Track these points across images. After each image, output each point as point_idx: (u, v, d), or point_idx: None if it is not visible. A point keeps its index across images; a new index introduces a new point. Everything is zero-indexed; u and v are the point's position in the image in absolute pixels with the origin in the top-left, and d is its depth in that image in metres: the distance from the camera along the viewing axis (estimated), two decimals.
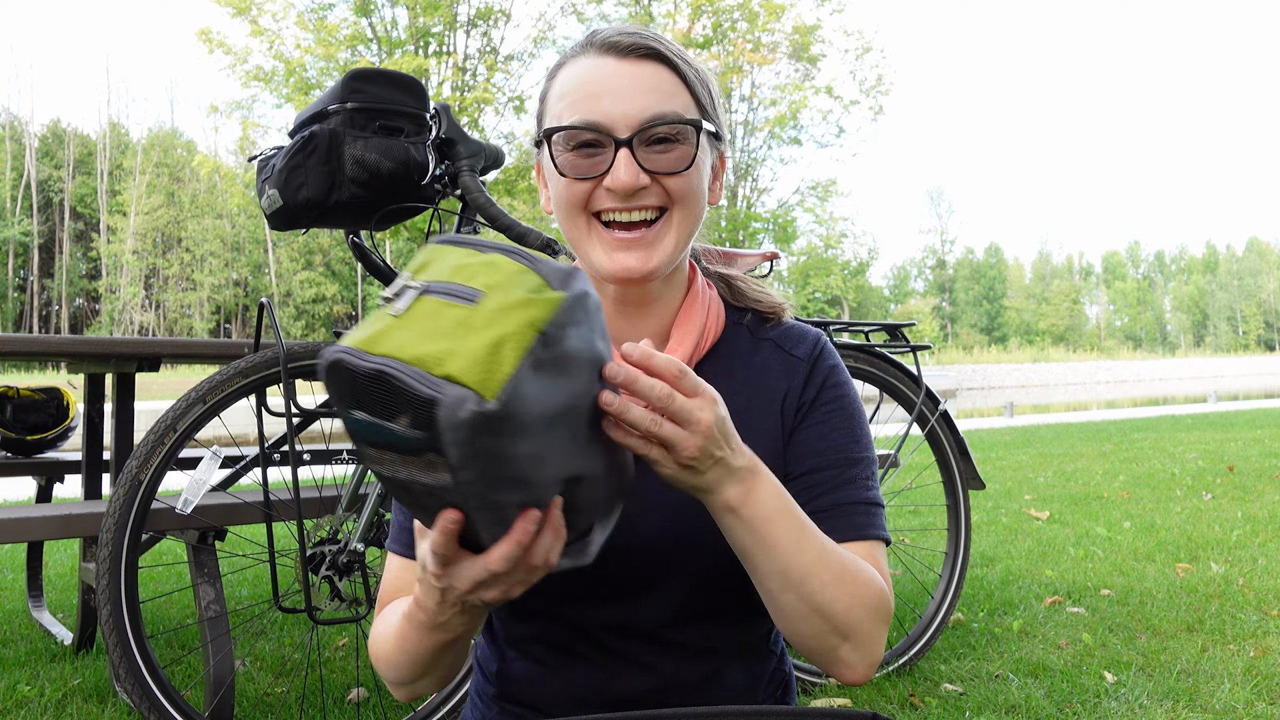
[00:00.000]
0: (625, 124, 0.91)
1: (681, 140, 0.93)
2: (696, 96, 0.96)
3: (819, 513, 0.95)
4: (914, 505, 4.95)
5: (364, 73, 2.05)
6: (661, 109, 0.92)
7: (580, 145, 0.93)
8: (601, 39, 0.95)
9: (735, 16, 25.79)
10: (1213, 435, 8.89)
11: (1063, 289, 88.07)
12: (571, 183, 0.94)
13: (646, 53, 0.94)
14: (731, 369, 1.04)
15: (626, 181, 0.91)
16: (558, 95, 0.96)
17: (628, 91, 0.92)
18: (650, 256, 0.93)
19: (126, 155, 56.93)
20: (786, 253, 30.95)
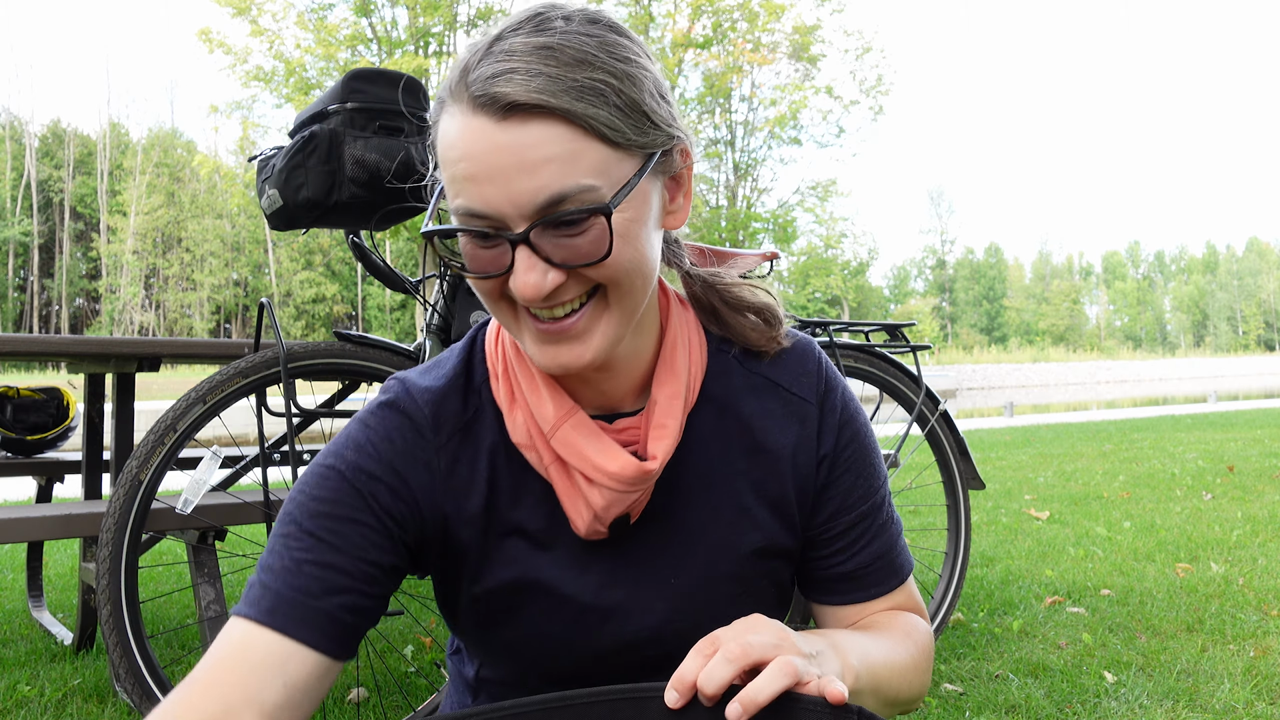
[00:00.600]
0: (517, 214, 0.72)
1: (593, 219, 0.73)
2: (610, 135, 0.72)
3: (862, 569, 0.92)
4: (914, 505, 4.96)
5: (364, 73, 2.05)
6: (558, 189, 0.71)
7: (474, 234, 0.75)
8: (472, 87, 0.71)
9: (735, 16, 25.81)
10: (1213, 435, 8.89)
11: (1063, 289, 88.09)
12: (478, 281, 0.77)
13: (529, 109, 0.70)
14: (724, 419, 0.90)
15: (529, 292, 0.73)
16: (441, 158, 0.75)
17: (511, 170, 0.70)
18: (585, 349, 0.77)
19: (126, 155, 56.92)
20: (786, 253, 30.96)
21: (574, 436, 0.82)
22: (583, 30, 0.73)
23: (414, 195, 2.07)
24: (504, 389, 0.86)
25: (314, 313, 53.79)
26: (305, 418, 2.21)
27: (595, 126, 0.71)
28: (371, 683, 2.34)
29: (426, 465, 0.85)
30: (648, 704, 0.70)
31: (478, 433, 0.87)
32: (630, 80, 0.74)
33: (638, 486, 0.83)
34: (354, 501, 0.81)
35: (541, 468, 0.85)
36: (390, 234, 18.00)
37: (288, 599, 0.78)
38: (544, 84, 0.70)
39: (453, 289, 2.16)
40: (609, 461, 0.82)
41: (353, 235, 2.19)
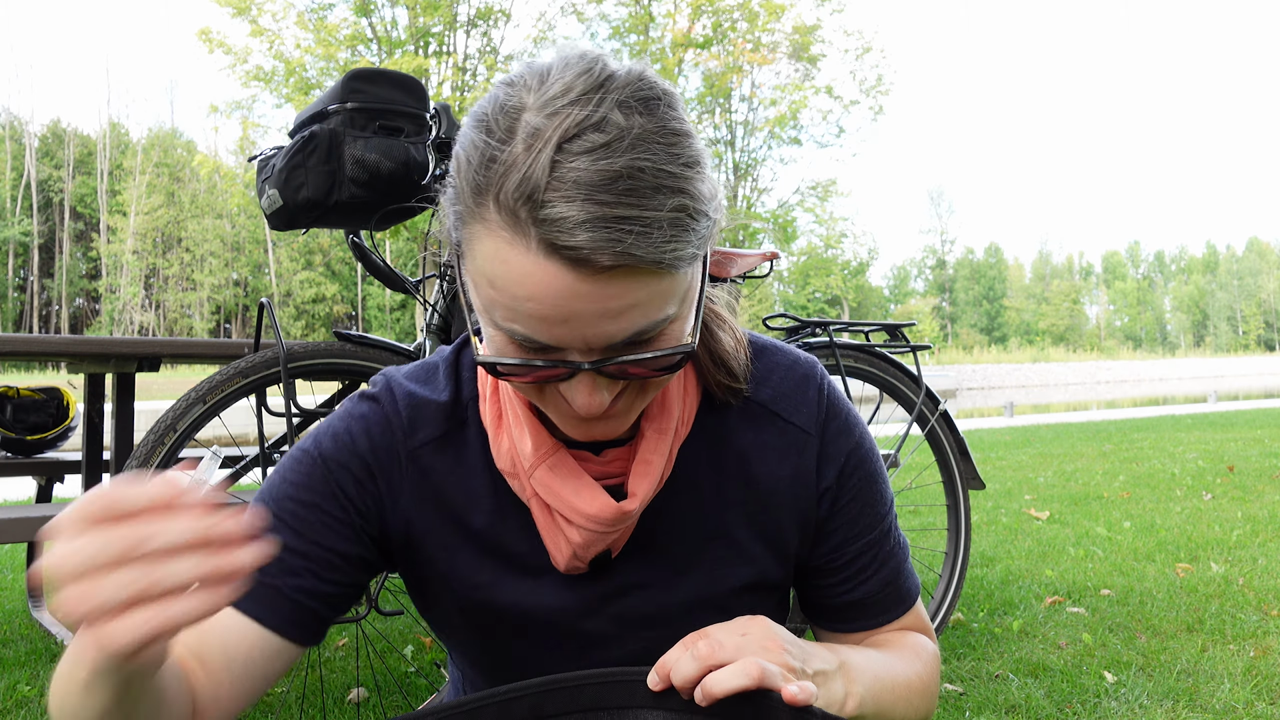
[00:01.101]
0: (586, 349, 0.68)
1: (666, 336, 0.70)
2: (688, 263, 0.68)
3: (870, 597, 0.91)
4: (914, 505, 4.96)
5: (364, 73, 2.05)
6: (640, 327, 0.67)
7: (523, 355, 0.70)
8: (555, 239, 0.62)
9: (735, 16, 25.82)
10: (1213, 435, 8.89)
11: (1063, 289, 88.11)
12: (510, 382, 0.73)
13: (627, 267, 0.63)
14: (719, 446, 0.87)
15: (589, 410, 0.71)
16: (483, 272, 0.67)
17: (591, 317, 0.65)
18: (621, 425, 0.76)
19: (126, 155, 56.93)
20: (786, 253, 30.97)
21: (550, 478, 0.80)
22: (647, 130, 0.64)
23: (414, 195, 2.07)
24: (491, 412, 0.84)
25: (314, 313, 53.79)
26: (305, 418, 2.21)
27: (677, 264, 0.66)
28: (371, 683, 2.34)
29: (397, 466, 0.85)
30: (635, 686, 0.72)
31: (460, 449, 0.86)
32: (698, 185, 0.67)
33: (616, 527, 0.81)
34: (322, 488, 0.83)
35: (525, 498, 0.84)
36: (390, 234, 18.00)
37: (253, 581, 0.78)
38: (634, 241, 0.62)
39: (452, 289, 2.16)
40: (586, 504, 0.80)
41: (353, 235, 2.19)
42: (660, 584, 0.87)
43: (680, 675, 0.70)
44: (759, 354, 0.90)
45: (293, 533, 0.81)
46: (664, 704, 0.71)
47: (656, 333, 0.69)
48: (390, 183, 2.01)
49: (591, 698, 0.72)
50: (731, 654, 0.70)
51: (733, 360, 0.87)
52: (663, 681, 0.71)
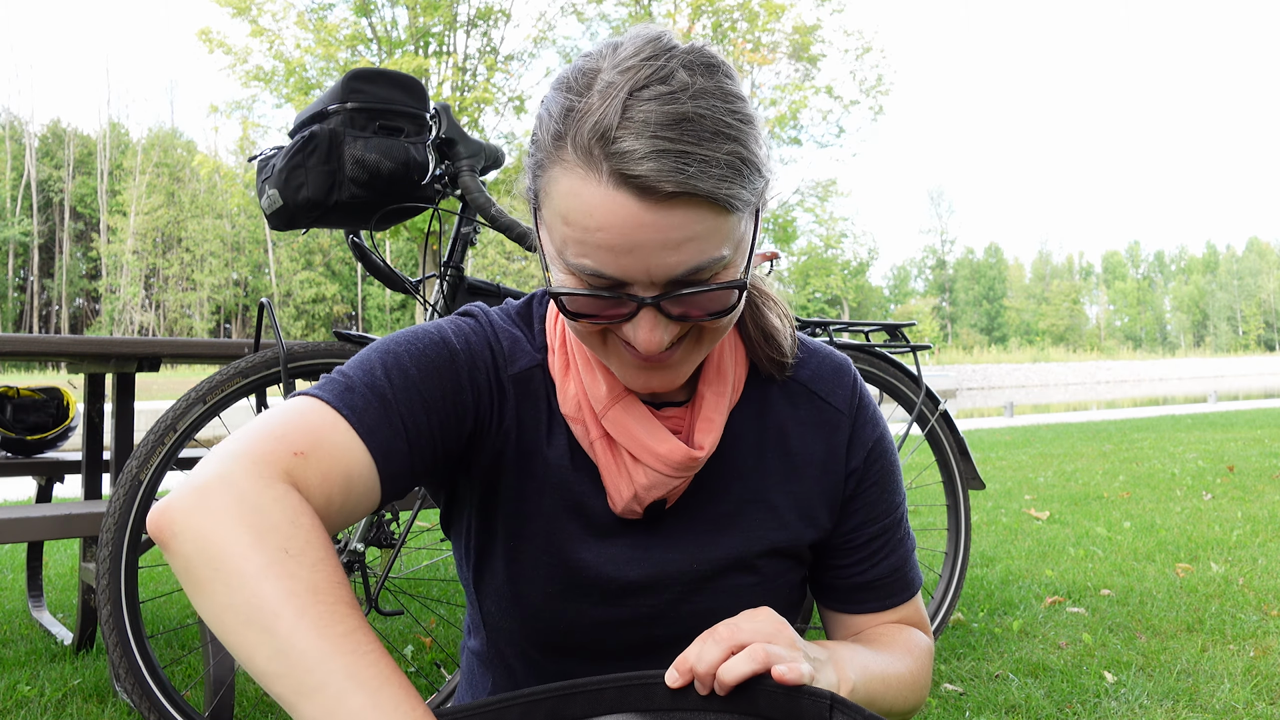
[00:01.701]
0: (650, 281, 0.74)
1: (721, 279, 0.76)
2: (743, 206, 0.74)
3: (879, 580, 0.97)
4: (914, 505, 4.95)
5: (364, 73, 2.05)
6: (697, 264, 0.73)
7: (591, 289, 0.76)
8: (624, 168, 0.69)
9: (735, 16, 25.81)
10: (1213, 435, 8.89)
11: (1063, 289, 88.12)
12: (579, 324, 0.79)
13: (689, 195, 0.70)
14: (763, 418, 0.94)
15: (654, 347, 0.76)
16: (558, 212, 0.74)
17: (654, 246, 0.71)
18: (677, 376, 0.81)
19: (126, 155, 56.94)
20: (786, 253, 30.96)
21: (625, 417, 0.86)
22: (708, 87, 0.72)
23: (414, 196, 2.07)
24: (560, 362, 0.89)
25: (314, 313, 53.79)
26: None
27: (732, 203, 0.72)
28: None
29: (505, 387, 0.89)
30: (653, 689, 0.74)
31: (535, 391, 0.90)
32: (752, 141, 0.74)
33: (683, 472, 0.86)
34: (456, 381, 0.85)
35: (586, 442, 0.88)
36: (390, 234, 18.00)
37: (384, 425, 0.78)
38: (695, 172, 0.69)
39: (453, 289, 2.16)
40: (658, 443, 0.85)
41: (353, 235, 2.19)
42: (699, 541, 0.91)
43: (705, 661, 0.71)
44: (801, 344, 0.98)
45: (421, 404, 0.81)
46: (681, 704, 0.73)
47: (713, 274, 0.75)
48: (390, 183, 2.01)
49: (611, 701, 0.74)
50: (749, 637, 0.73)
51: (781, 336, 0.94)
52: (683, 676, 0.72)
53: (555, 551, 0.90)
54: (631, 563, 0.90)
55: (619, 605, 0.91)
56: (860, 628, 0.98)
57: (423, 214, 2.18)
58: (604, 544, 0.90)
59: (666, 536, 0.91)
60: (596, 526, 0.90)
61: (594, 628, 0.91)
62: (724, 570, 0.91)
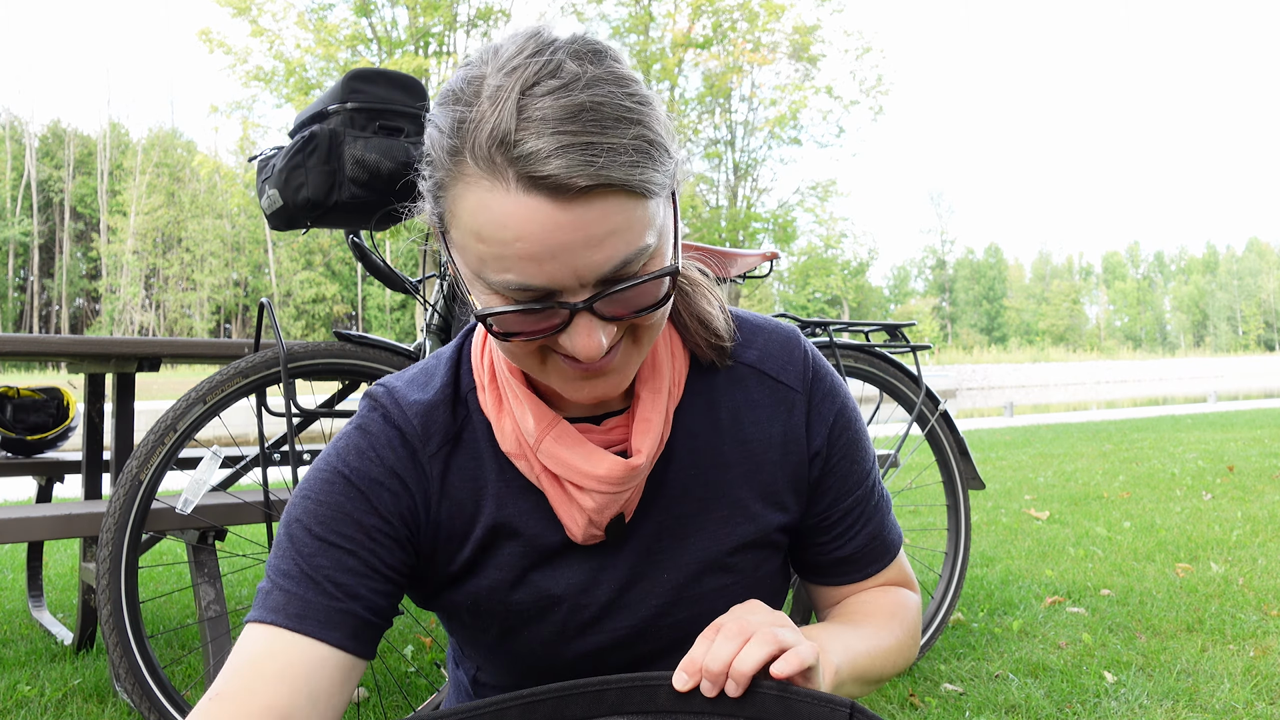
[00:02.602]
0: (579, 284, 0.70)
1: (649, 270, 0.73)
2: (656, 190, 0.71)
3: (858, 552, 0.96)
4: (914, 505, 4.95)
5: (364, 73, 2.05)
6: (623, 255, 0.70)
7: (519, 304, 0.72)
8: (531, 170, 0.66)
9: (735, 16, 25.81)
10: (1213, 435, 8.89)
11: (1063, 289, 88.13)
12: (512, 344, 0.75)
13: (596, 187, 0.67)
14: (714, 409, 0.90)
15: (593, 353, 0.73)
16: (470, 231, 0.70)
17: (577, 247, 0.68)
18: (621, 381, 0.79)
19: (126, 155, 56.94)
20: (786, 253, 30.97)
21: (557, 448, 0.83)
22: (599, 74, 0.69)
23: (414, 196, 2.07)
24: (491, 399, 0.87)
25: (314, 313, 53.78)
26: (305, 418, 2.21)
27: (648, 189, 0.70)
28: (371, 683, 2.34)
29: (423, 474, 0.86)
30: (657, 691, 0.72)
31: (467, 442, 0.88)
32: (655, 123, 0.71)
33: (627, 485, 0.83)
34: (361, 505, 0.83)
35: (533, 477, 0.86)
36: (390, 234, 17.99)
37: (313, 603, 0.78)
38: (605, 162, 0.66)
39: (452, 289, 2.16)
40: (594, 466, 0.82)
41: (353, 235, 2.19)
42: (670, 549, 0.89)
43: (719, 659, 0.70)
44: (742, 323, 0.94)
45: (348, 554, 0.81)
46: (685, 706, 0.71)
47: (640, 265, 0.72)
48: (390, 183, 2.01)
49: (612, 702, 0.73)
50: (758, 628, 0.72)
51: (714, 320, 0.90)
52: (693, 676, 0.71)
53: (521, 597, 0.88)
54: (601, 586, 0.88)
55: (599, 632, 0.89)
56: (845, 596, 0.99)
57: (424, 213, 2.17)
58: (570, 573, 0.88)
59: (632, 551, 0.89)
60: (557, 560, 0.88)
61: (581, 660, 0.90)
62: (698, 575, 0.89)
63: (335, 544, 0.81)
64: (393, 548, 0.83)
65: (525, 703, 0.73)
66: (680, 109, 26.82)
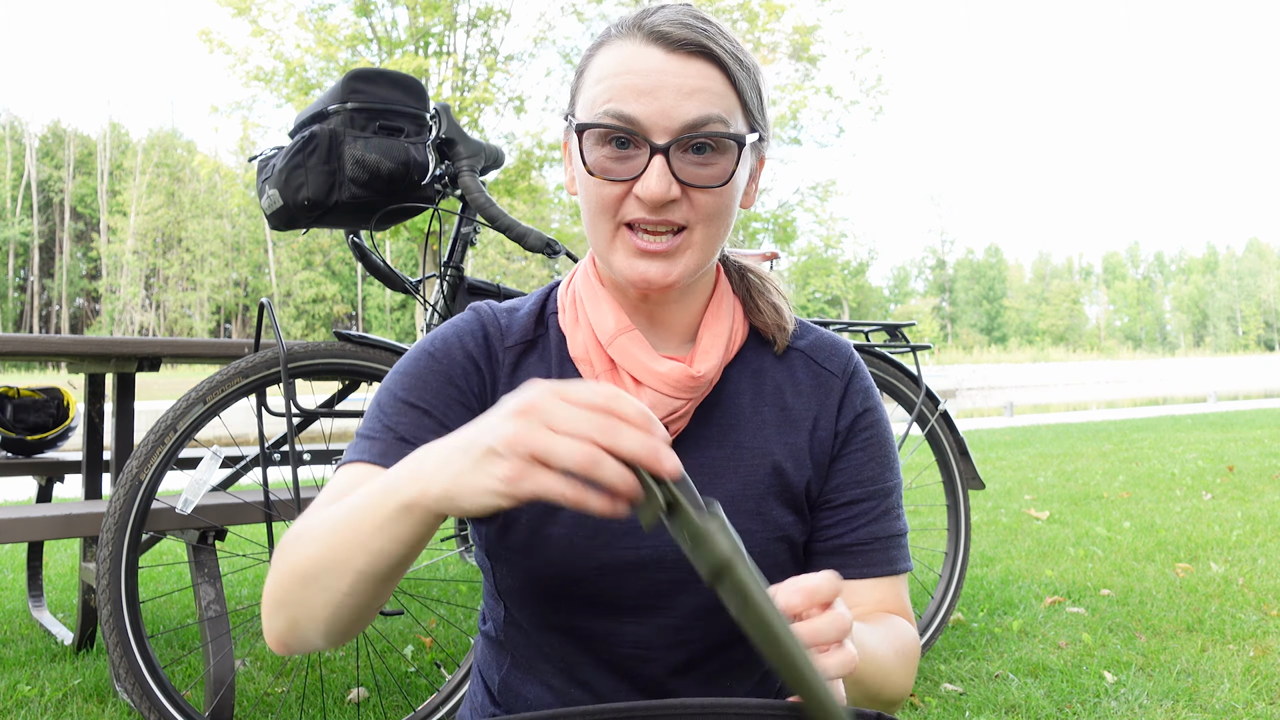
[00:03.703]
0: (664, 128, 0.85)
1: (721, 151, 0.87)
2: (745, 101, 0.89)
3: (858, 544, 0.98)
4: (914, 505, 4.95)
5: (364, 73, 2.05)
6: (705, 114, 0.85)
7: (612, 142, 0.87)
8: (650, 25, 0.87)
9: (735, 16, 25.80)
10: (1213, 435, 8.89)
11: (1063, 289, 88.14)
12: (600, 183, 0.88)
13: (698, 49, 0.86)
14: (760, 377, 1.01)
15: (657, 193, 0.85)
16: (595, 77, 0.89)
17: (671, 91, 0.85)
18: (671, 269, 0.89)
19: (126, 155, 56.95)
20: (786, 253, 30.95)
21: (629, 345, 0.94)
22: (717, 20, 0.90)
23: (414, 196, 2.07)
24: (570, 316, 0.99)
25: (314, 313, 53.80)
26: (305, 418, 2.21)
27: (740, 84, 0.88)
28: (371, 683, 2.34)
29: (496, 362, 0.98)
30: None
31: (541, 348, 1.00)
32: (758, 74, 0.92)
33: (682, 394, 0.92)
34: (440, 375, 0.94)
35: (593, 378, 0.95)
36: (390, 234, 17.99)
37: (395, 447, 0.88)
38: (713, 35, 0.87)
39: (452, 289, 2.16)
40: (659, 365, 0.92)
41: (353, 235, 2.19)
42: (701, 481, 0.95)
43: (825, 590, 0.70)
44: (801, 322, 1.07)
45: (424, 413, 0.91)
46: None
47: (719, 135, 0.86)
48: (390, 183, 2.01)
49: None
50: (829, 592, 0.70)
51: (783, 309, 1.03)
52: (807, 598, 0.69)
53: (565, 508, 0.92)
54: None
55: (623, 545, 0.93)
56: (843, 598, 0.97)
57: (423, 214, 2.18)
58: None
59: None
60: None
61: (601, 572, 0.93)
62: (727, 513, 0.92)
63: (415, 404, 0.91)
64: (463, 414, 0.93)
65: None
66: None
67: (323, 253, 52.47)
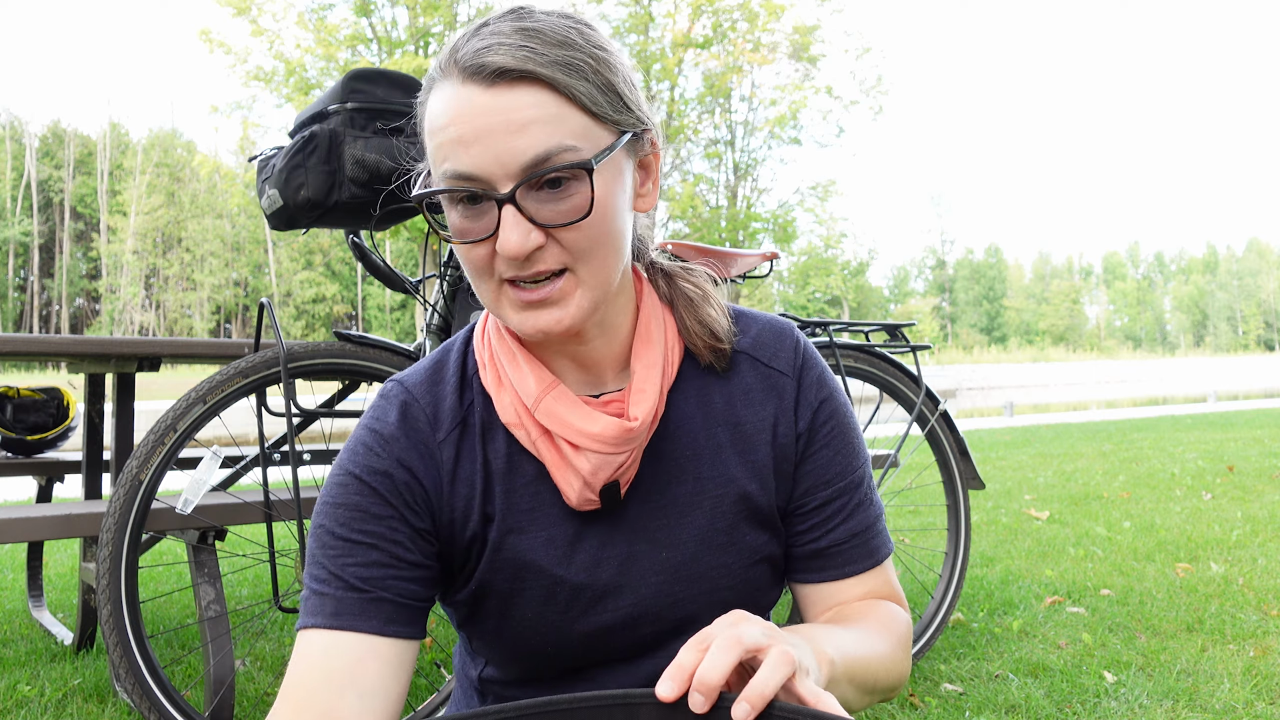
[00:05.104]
0: (504, 174, 0.76)
1: (576, 179, 0.77)
2: (592, 108, 0.78)
3: (836, 545, 0.94)
4: (914, 505, 4.95)
5: (364, 73, 2.05)
6: (544, 149, 0.75)
7: (463, 201, 0.78)
8: (463, 59, 0.77)
9: (735, 16, 25.80)
10: (1213, 435, 8.89)
11: (1063, 289, 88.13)
12: (467, 247, 0.80)
13: (517, 75, 0.75)
14: (707, 394, 0.93)
15: (515, 249, 0.77)
16: (429, 130, 0.80)
17: (499, 133, 0.75)
18: (564, 315, 0.81)
19: (126, 155, 56.95)
20: (786, 253, 30.96)
21: (555, 406, 0.86)
22: (562, 19, 0.80)
23: None
24: (491, 375, 0.90)
25: (314, 313, 53.79)
26: (305, 418, 2.21)
27: (576, 96, 0.77)
28: None
29: (433, 460, 0.89)
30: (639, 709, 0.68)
31: (472, 422, 0.91)
32: (606, 64, 0.80)
33: (622, 447, 0.86)
34: (375, 500, 0.86)
35: (530, 445, 0.88)
36: (390, 234, 18.00)
37: (345, 599, 0.82)
38: (530, 54, 0.76)
39: (453, 289, 2.16)
40: (591, 424, 0.85)
41: (353, 235, 2.19)
42: (667, 528, 0.91)
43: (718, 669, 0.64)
44: (738, 316, 0.98)
45: (369, 548, 0.84)
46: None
47: (564, 166, 0.76)
48: (390, 183, 2.01)
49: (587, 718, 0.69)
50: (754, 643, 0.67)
51: (718, 324, 0.94)
52: (682, 685, 0.65)
53: (522, 576, 0.90)
54: (601, 565, 0.89)
55: (601, 612, 0.90)
56: (829, 600, 0.95)
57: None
58: (569, 551, 0.89)
59: (630, 531, 0.90)
60: (558, 538, 0.89)
61: (583, 640, 0.90)
62: (696, 553, 0.90)
63: (357, 541, 0.84)
64: (413, 536, 0.86)
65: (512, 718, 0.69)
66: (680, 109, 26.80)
67: (323, 253, 52.49)
